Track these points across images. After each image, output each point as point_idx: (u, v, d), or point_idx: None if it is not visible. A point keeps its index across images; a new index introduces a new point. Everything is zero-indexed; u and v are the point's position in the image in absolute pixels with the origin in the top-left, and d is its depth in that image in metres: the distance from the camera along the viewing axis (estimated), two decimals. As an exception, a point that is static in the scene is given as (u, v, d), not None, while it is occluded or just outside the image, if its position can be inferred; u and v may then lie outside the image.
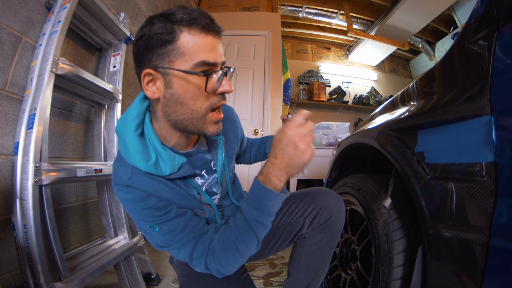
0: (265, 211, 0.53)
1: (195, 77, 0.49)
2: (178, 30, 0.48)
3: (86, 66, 1.32)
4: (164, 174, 0.54)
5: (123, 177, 0.54)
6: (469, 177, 0.49)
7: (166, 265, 1.50)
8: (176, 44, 0.48)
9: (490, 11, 0.52)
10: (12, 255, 0.92)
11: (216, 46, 0.51)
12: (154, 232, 0.55)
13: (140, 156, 0.53)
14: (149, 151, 0.54)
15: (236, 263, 0.56)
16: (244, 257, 0.56)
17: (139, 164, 0.53)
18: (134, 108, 0.56)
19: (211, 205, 0.65)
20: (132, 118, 0.55)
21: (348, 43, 3.89)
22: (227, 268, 0.56)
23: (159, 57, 0.49)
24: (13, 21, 0.93)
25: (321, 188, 0.78)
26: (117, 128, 0.57)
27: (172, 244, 0.56)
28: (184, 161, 0.57)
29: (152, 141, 0.55)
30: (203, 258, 0.55)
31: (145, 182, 0.54)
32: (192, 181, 0.61)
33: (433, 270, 0.57)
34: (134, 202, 0.54)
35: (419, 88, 0.73)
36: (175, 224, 0.55)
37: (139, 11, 1.77)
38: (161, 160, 0.54)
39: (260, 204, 0.53)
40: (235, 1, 3.02)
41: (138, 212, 0.54)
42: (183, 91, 0.50)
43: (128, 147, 0.53)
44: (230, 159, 0.70)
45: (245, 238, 0.54)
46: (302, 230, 0.73)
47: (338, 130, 2.76)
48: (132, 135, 0.54)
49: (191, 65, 0.49)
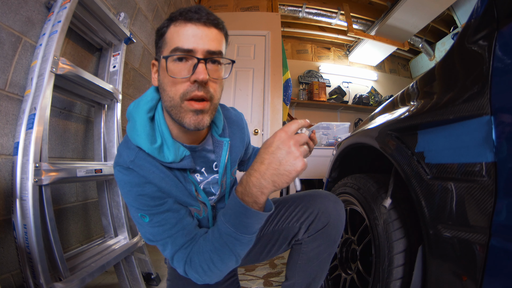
0: (242, 229, 0.47)
1: (168, 63, 0.51)
2: (169, 24, 0.52)
3: (86, 66, 1.32)
4: (166, 160, 0.54)
5: (126, 159, 0.54)
6: (469, 177, 0.49)
7: (166, 265, 1.50)
8: (165, 35, 0.53)
9: (490, 11, 0.52)
10: (12, 255, 0.92)
11: (197, 34, 0.50)
12: (144, 222, 0.55)
13: (146, 137, 0.54)
14: (156, 136, 0.55)
15: (214, 275, 0.53)
16: (222, 270, 0.53)
17: (144, 145, 0.53)
18: (149, 93, 0.59)
19: (206, 204, 0.64)
20: (146, 101, 0.57)
21: (348, 43, 3.89)
22: (204, 279, 0.54)
23: (158, 49, 0.55)
24: (13, 21, 0.93)
25: (319, 191, 0.73)
26: (129, 109, 0.59)
27: (159, 240, 0.55)
28: (187, 154, 0.58)
29: (161, 127, 0.56)
30: (182, 264, 0.55)
31: (147, 168, 0.54)
32: (192, 176, 0.61)
33: (433, 270, 0.57)
34: (131, 185, 0.54)
35: (419, 88, 0.72)
36: (166, 218, 0.55)
37: (139, 11, 1.77)
38: (165, 146, 0.55)
39: (237, 220, 0.47)
40: (235, 1, 3.02)
41: (132, 197, 0.54)
42: (162, 77, 0.54)
43: (136, 127, 0.55)
44: (233, 163, 0.70)
45: (220, 253, 0.50)
46: (298, 235, 0.70)
47: (338, 130, 2.76)
48: (143, 116, 0.55)
49: (168, 52, 0.51)
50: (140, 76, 1.86)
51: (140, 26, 1.81)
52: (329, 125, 2.80)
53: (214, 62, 0.52)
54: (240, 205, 0.46)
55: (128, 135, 0.56)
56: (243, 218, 0.46)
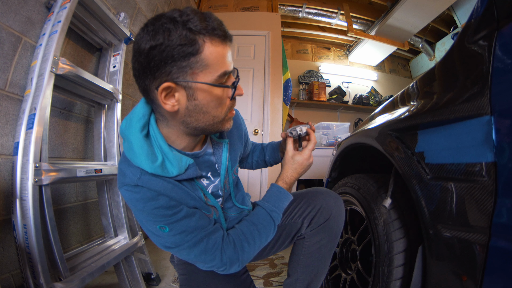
0: (281, 209, 0.66)
1: (219, 88, 0.50)
2: (201, 41, 0.46)
3: (86, 66, 1.32)
4: (171, 175, 0.54)
5: (133, 177, 0.53)
6: (469, 177, 0.49)
7: (166, 265, 1.50)
8: (200, 56, 0.46)
9: (490, 11, 0.52)
10: (12, 255, 0.92)
11: (231, 54, 0.52)
12: (163, 233, 0.54)
13: (146, 157, 0.52)
14: (155, 152, 0.54)
15: (253, 254, 0.60)
16: (260, 247, 0.62)
17: (145, 166, 0.52)
18: (140, 109, 0.55)
19: (215, 207, 0.65)
20: (138, 119, 0.54)
21: (348, 43, 3.89)
22: (242, 260, 0.58)
23: (180, 69, 0.46)
24: (13, 21, 0.93)
25: (320, 188, 0.78)
26: (121, 129, 0.56)
27: (182, 244, 0.55)
28: (191, 163, 0.57)
29: (158, 142, 0.54)
30: (217, 253, 0.56)
31: (155, 182, 0.53)
32: (199, 183, 0.62)
33: (433, 270, 0.57)
34: (144, 201, 0.52)
35: (419, 88, 0.72)
36: (186, 224, 0.55)
37: (139, 11, 1.77)
38: (167, 161, 0.54)
39: (280, 203, 0.66)
40: (235, 1, 3.02)
41: (148, 213, 0.53)
42: (207, 101, 0.50)
43: (133, 148, 0.53)
44: (234, 162, 0.71)
45: (266, 229, 0.62)
46: (301, 230, 0.72)
47: (338, 130, 2.76)
48: (138, 136, 0.53)
49: (215, 77, 0.49)
50: (140, 76, 1.86)
51: (140, 26, 1.80)
52: (329, 125, 2.80)
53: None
54: (286, 194, 0.68)
55: (127, 157, 0.54)
56: (284, 202, 0.67)
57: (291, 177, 0.69)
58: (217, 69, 0.48)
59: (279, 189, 0.67)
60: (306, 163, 0.70)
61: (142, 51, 0.46)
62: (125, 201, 0.60)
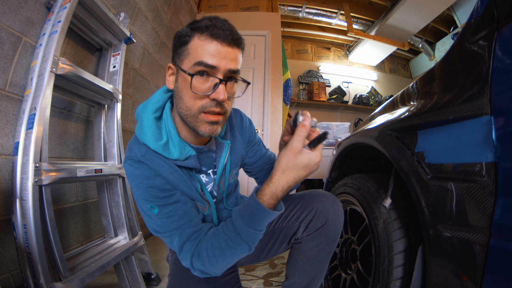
0: (261, 227, 0.54)
1: (190, 77, 0.53)
2: (193, 35, 0.53)
3: (86, 66, 1.32)
4: (171, 157, 0.57)
5: (137, 153, 0.57)
6: (469, 177, 0.49)
7: (166, 265, 1.50)
8: (188, 45, 0.53)
9: (490, 11, 0.52)
10: (12, 255, 0.92)
11: (221, 53, 0.52)
12: (152, 214, 0.56)
13: (152, 135, 0.57)
14: (162, 133, 0.58)
15: (221, 268, 0.57)
16: (230, 263, 0.57)
17: (150, 142, 0.56)
18: (157, 95, 0.62)
19: (209, 202, 0.65)
20: (153, 103, 0.60)
21: (348, 43, 3.89)
22: (209, 272, 0.57)
23: (177, 54, 0.56)
24: (13, 21, 0.93)
25: (318, 191, 0.75)
26: (137, 110, 0.62)
27: (166, 231, 0.57)
28: (192, 154, 0.60)
29: (168, 126, 0.59)
30: (189, 255, 0.57)
31: (157, 162, 0.57)
32: (197, 176, 0.63)
33: (433, 270, 0.57)
34: (142, 178, 0.56)
35: (419, 88, 0.72)
36: (174, 209, 0.57)
37: (139, 11, 1.77)
38: (171, 143, 0.58)
39: (257, 223, 0.53)
40: (235, 1, 3.02)
41: (142, 189, 0.56)
42: (182, 87, 0.55)
43: (143, 125, 0.58)
44: (233, 165, 0.71)
45: (237, 248, 0.54)
46: (297, 234, 0.71)
47: (338, 130, 2.76)
48: (149, 116, 0.58)
49: (191, 65, 0.53)
50: (140, 76, 1.86)
51: (140, 26, 1.81)
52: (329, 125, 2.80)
53: (231, 80, 0.55)
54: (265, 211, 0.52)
55: (136, 134, 0.59)
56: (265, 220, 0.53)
57: (284, 184, 0.53)
58: (194, 58, 0.52)
59: (257, 207, 0.52)
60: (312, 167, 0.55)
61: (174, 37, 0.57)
62: (126, 175, 0.64)
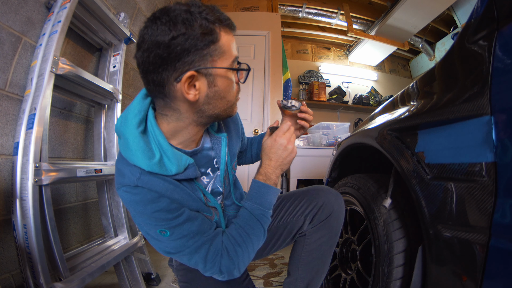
0: (267, 205, 0.61)
1: (232, 72, 0.54)
2: (218, 30, 0.49)
3: (86, 66, 1.32)
4: (170, 173, 0.52)
5: (132, 177, 0.50)
6: (469, 177, 0.49)
7: (166, 265, 1.50)
8: (218, 44, 0.49)
9: (490, 11, 0.52)
10: (12, 255, 0.92)
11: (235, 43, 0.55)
12: (163, 238, 0.52)
13: (142, 154, 0.50)
14: (153, 149, 0.51)
15: (248, 258, 0.59)
16: (255, 250, 0.60)
17: (142, 163, 0.50)
18: (136, 105, 0.53)
19: (216, 208, 0.64)
20: (134, 115, 0.52)
21: (348, 43, 3.89)
22: (239, 266, 0.57)
23: (202, 57, 0.48)
24: (13, 21, 0.93)
25: (321, 186, 0.78)
26: (117, 126, 0.54)
27: (184, 249, 0.53)
28: (191, 162, 0.56)
29: (156, 139, 0.52)
30: (217, 260, 0.55)
31: (155, 182, 0.51)
32: (198, 183, 0.61)
33: (433, 270, 0.57)
34: (144, 204, 0.50)
35: (419, 88, 0.72)
36: (187, 228, 0.53)
37: (139, 11, 1.77)
38: (166, 158, 0.52)
39: (262, 199, 0.61)
40: (235, 1, 3.02)
41: (148, 216, 0.50)
42: (225, 86, 0.53)
43: (129, 145, 0.50)
44: (232, 156, 0.70)
45: (255, 231, 0.59)
46: (303, 227, 0.73)
47: (338, 130, 2.75)
48: (134, 132, 0.51)
49: (230, 62, 0.52)
50: (140, 76, 1.86)
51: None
52: (329, 125, 2.80)
53: None
54: (265, 186, 0.61)
55: (123, 155, 0.52)
56: (267, 196, 0.61)
57: (268, 166, 0.63)
58: (231, 55, 0.52)
59: (258, 184, 0.62)
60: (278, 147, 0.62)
61: (161, 42, 0.45)
62: (123, 203, 0.59)
